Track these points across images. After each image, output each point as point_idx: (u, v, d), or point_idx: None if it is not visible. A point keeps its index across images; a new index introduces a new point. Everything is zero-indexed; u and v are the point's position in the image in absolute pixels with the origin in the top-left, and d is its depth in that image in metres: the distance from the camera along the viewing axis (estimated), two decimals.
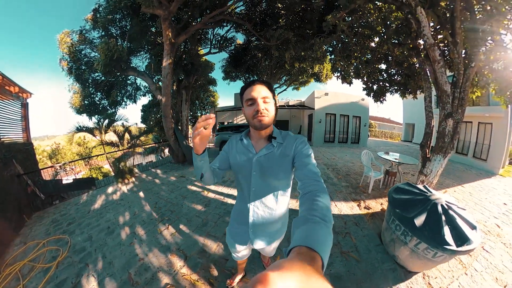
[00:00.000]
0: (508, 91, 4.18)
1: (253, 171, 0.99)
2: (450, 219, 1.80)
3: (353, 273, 1.99)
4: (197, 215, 3.31)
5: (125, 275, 2.10)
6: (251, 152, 1.00)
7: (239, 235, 1.19)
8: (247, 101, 0.90)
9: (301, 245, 0.40)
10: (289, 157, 0.94)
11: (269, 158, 0.96)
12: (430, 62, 3.00)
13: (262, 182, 1.00)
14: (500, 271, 2.14)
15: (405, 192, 2.30)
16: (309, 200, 0.64)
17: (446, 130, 2.89)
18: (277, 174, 0.97)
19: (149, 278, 2.04)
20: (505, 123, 7.89)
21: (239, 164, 1.04)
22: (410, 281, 1.94)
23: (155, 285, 1.95)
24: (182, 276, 2.04)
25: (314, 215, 0.53)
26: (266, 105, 0.89)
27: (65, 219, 3.65)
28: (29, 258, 2.56)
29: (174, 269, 2.15)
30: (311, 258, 0.36)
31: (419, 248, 1.85)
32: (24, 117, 5.45)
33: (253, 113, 0.88)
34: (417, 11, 2.75)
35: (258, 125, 0.90)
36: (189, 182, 5.15)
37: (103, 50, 6.42)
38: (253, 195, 1.04)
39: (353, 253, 2.27)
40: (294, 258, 0.35)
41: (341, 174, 5.56)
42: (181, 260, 2.28)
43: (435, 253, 1.76)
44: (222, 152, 1.14)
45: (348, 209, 3.38)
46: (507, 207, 4.03)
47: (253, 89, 0.88)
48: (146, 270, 2.16)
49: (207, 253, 2.37)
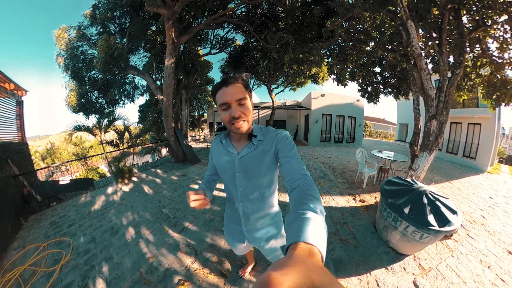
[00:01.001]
0: (494, 95, 4.53)
1: (236, 171, 0.97)
2: (434, 205, 2.08)
3: (352, 257, 2.22)
4: (203, 212, 3.34)
5: (135, 274, 2.08)
6: (232, 153, 0.97)
7: (235, 234, 1.20)
8: (220, 106, 0.82)
9: (297, 241, 0.40)
10: (270, 153, 0.92)
11: (251, 157, 0.93)
12: (417, 70, 3.28)
13: (247, 182, 0.98)
14: (484, 254, 2.39)
15: (395, 184, 2.57)
16: (298, 194, 0.64)
17: (431, 130, 3.19)
18: (260, 172, 0.95)
19: (161, 275, 2.03)
20: (492, 124, 8.36)
21: (222, 166, 1.02)
22: (403, 262, 2.18)
23: (169, 282, 1.95)
24: (195, 271, 2.07)
25: (305, 210, 0.52)
26: (242, 108, 0.82)
27: (65, 221, 3.54)
28: (30, 262, 2.43)
29: (185, 264, 2.17)
30: (309, 252, 0.37)
31: (407, 231, 2.12)
32: (19, 115, 5.20)
33: (229, 118, 0.81)
34: (407, 24, 3.01)
35: (237, 131, 0.85)
36: (191, 181, 5.18)
37: (102, 48, 6.31)
38: (240, 195, 1.02)
39: (352, 240, 2.52)
40: (294, 254, 0.35)
41: (337, 171, 5.83)
42: (191, 255, 2.31)
43: (422, 235, 2.03)
44: (209, 160, 1.16)
45: (345, 202, 3.64)
46: (493, 200, 4.36)
47: (225, 92, 0.80)
48: (157, 268, 2.15)
49: (216, 247, 2.43)
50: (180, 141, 7.46)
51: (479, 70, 4.51)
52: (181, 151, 7.56)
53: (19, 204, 3.95)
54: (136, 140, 9.88)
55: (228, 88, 0.80)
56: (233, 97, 0.79)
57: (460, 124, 9.87)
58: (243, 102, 0.81)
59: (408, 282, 1.91)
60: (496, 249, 2.51)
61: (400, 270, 2.06)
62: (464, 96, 5.09)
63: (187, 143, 7.91)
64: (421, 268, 2.11)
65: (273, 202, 1.11)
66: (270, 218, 1.12)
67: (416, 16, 2.96)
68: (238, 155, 0.95)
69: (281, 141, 0.90)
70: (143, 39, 8.85)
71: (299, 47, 5.54)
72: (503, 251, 2.48)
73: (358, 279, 1.93)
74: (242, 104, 0.81)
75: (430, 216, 2.00)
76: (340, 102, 13.61)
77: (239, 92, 0.80)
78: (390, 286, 1.86)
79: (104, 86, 9.30)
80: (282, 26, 6.84)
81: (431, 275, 2.01)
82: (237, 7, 6.65)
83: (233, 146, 0.98)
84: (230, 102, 0.79)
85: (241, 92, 0.81)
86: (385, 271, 2.04)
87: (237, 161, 0.95)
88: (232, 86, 0.80)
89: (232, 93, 0.79)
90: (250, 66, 10.94)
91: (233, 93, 0.79)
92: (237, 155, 0.96)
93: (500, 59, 4.03)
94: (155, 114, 15.13)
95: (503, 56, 3.97)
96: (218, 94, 0.82)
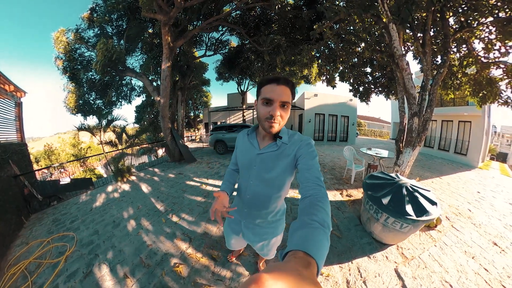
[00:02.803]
0: (480, 93, 4.69)
1: (253, 165, 1.00)
2: (413, 197, 2.23)
3: (334, 246, 2.32)
4: (198, 205, 3.56)
5: (136, 259, 2.27)
6: (254, 148, 1.00)
7: (233, 224, 1.25)
8: (263, 99, 0.81)
9: (297, 249, 0.40)
10: (290, 157, 0.91)
11: (269, 156, 0.95)
12: (399, 70, 3.45)
13: (260, 178, 1.00)
14: (469, 245, 2.48)
15: (377, 178, 2.73)
16: (309, 204, 0.63)
17: (413, 127, 3.36)
18: (274, 173, 0.95)
19: (159, 259, 2.24)
20: (482, 122, 8.64)
21: (243, 157, 1.07)
22: (385, 251, 2.28)
23: (165, 265, 2.16)
24: (189, 255, 2.27)
25: (313, 220, 0.52)
26: (283, 111, 0.82)
27: (67, 218, 3.65)
28: (35, 256, 2.53)
29: (180, 250, 2.37)
30: (306, 262, 0.36)
31: (388, 222, 2.26)
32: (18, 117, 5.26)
33: (266, 115, 0.82)
34: (389, 27, 3.18)
35: (267, 130, 0.85)
36: (188, 178, 5.33)
37: (101, 51, 6.38)
38: (250, 188, 1.05)
39: (336, 231, 2.65)
40: (290, 261, 0.36)
41: (327, 168, 6.00)
42: (186, 242, 2.51)
43: (401, 225, 2.17)
44: (234, 150, 1.19)
45: (331, 196, 3.79)
46: (480, 195, 4.53)
47: (274, 89, 0.79)
48: (155, 253, 2.35)
49: (209, 234, 2.64)
50: (176, 141, 7.58)
51: (466, 69, 4.66)
52: (177, 150, 7.67)
53: (20, 203, 4.01)
54: (134, 140, 9.97)
55: (279, 86, 0.80)
56: (280, 97, 0.79)
57: (451, 121, 10.15)
58: (286, 105, 0.82)
59: (389, 270, 2.00)
60: (481, 241, 2.61)
61: (382, 258, 2.17)
62: (451, 95, 5.25)
63: (183, 143, 8.04)
64: (403, 257, 2.20)
65: (278, 206, 1.12)
66: (269, 222, 1.14)
67: (398, 19, 3.13)
68: (259, 151, 0.98)
69: (304, 147, 0.89)
70: (140, 41, 8.93)
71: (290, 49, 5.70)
72: (488, 242, 2.58)
73: (339, 267, 2.03)
74: (284, 107, 0.82)
75: (408, 206, 2.14)
76: (333, 101, 13.87)
77: (286, 95, 0.81)
78: (371, 273, 1.95)
79: (102, 88, 9.33)
80: (275, 29, 7.00)
81: (413, 263, 2.10)
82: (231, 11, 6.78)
83: (257, 141, 1.01)
84: (274, 100, 0.79)
85: (288, 96, 0.81)
86: (367, 260, 2.14)
87: (256, 156, 0.99)
88: (282, 87, 0.80)
89: (280, 93, 0.79)
90: (245, 67, 11.09)
91: (281, 93, 0.79)
92: (258, 150, 0.98)
93: (485, 59, 4.22)
94: (152, 114, 15.21)
95: (489, 56, 4.15)
96: (266, 87, 0.82)
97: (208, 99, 21.69)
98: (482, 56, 4.25)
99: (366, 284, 1.85)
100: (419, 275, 1.95)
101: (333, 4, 3.88)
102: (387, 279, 1.90)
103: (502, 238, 2.73)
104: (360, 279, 1.90)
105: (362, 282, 1.87)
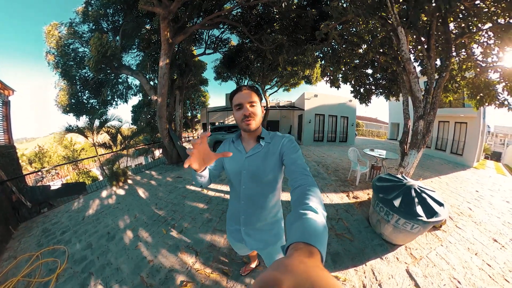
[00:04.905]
0: (478, 96, 4.79)
1: (243, 170, 1.05)
2: (422, 199, 2.24)
3: (348, 250, 2.34)
4: (200, 213, 3.35)
5: (136, 279, 2.04)
6: (241, 152, 1.07)
7: (235, 233, 1.23)
8: (235, 106, 0.97)
9: (297, 241, 0.41)
10: (276, 155, 0.99)
11: (257, 157, 1.01)
12: (406, 73, 3.45)
13: (252, 181, 1.04)
14: (472, 243, 2.56)
15: (386, 180, 2.72)
16: (299, 194, 0.65)
17: (419, 129, 3.38)
18: (265, 172, 1.01)
19: (163, 278, 2.02)
20: (477, 122, 8.82)
21: (231, 164, 1.10)
22: (396, 252, 2.32)
23: (171, 283, 1.94)
24: (197, 271, 2.07)
25: (306, 209, 0.53)
26: (253, 109, 0.96)
27: (57, 228, 3.41)
28: (23, 273, 2.31)
29: (186, 265, 2.16)
30: (309, 252, 0.37)
31: (399, 223, 2.27)
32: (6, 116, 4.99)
33: (241, 117, 0.95)
34: (398, 30, 3.17)
35: (246, 129, 0.97)
36: (187, 182, 5.12)
37: (95, 46, 6.04)
38: (243, 193, 1.08)
39: (347, 234, 2.63)
40: (293, 255, 0.36)
41: (330, 170, 5.99)
42: (192, 256, 2.31)
43: (412, 225, 2.19)
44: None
45: (339, 199, 3.77)
46: (479, 193, 4.62)
47: (240, 95, 0.96)
48: (158, 271, 2.12)
49: (216, 246, 2.45)
50: (174, 142, 7.40)
51: (464, 73, 4.77)
52: (175, 152, 7.48)
53: (7, 211, 3.71)
54: (130, 141, 9.70)
55: (243, 92, 0.96)
56: (246, 99, 0.95)
57: (448, 122, 10.30)
58: (253, 104, 0.96)
59: (401, 270, 2.04)
60: (482, 238, 2.70)
61: (393, 259, 2.20)
62: (450, 97, 5.35)
63: (181, 144, 7.86)
64: (412, 257, 2.25)
65: (274, 207, 1.15)
66: (269, 224, 1.16)
67: (406, 23, 3.12)
68: (246, 154, 1.05)
69: (286, 144, 0.99)
70: (136, 37, 8.65)
71: (293, 48, 5.65)
72: (488, 239, 2.67)
73: (354, 270, 2.04)
74: (252, 106, 0.96)
75: (418, 208, 2.16)
76: (333, 102, 13.90)
77: (251, 96, 0.96)
78: (385, 274, 1.99)
79: (96, 86, 8.99)
80: (277, 28, 6.91)
81: (422, 263, 2.15)
82: (233, 8, 6.65)
83: (243, 146, 1.09)
84: (243, 103, 0.94)
85: (253, 96, 0.96)
86: (380, 261, 2.17)
87: (244, 159, 1.04)
88: (246, 91, 0.97)
89: (245, 96, 0.95)
90: (244, 67, 10.99)
91: (246, 96, 0.95)
92: (245, 154, 1.05)
93: (484, 63, 4.29)
94: (149, 115, 14.90)
95: (487, 61, 4.22)
96: (234, 97, 0.98)
97: (206, 99, 21.51)
98: (480, 61, 4.32)
99: (381, 287, 1.85)
100: (429, 273, 2.01)
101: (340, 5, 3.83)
102: (400, 280, 1.93)
103: (501, 234, 2.83)
104: (375, 282, 1.90)
105: (377, 285, 1.87)
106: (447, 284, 1.88)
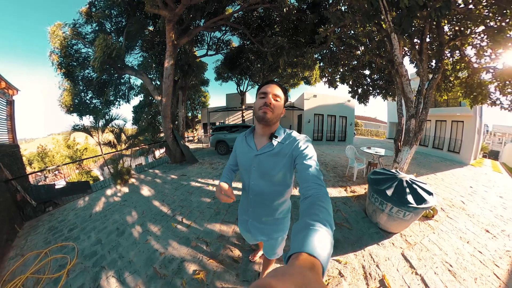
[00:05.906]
0: (471, 95, 4.98)
1: (252, 166, 1.05)
2: (412, 189, 2.47)
3: (347, 237, 2.53)
4: (208, 207, 3.43)
5: (149, 270, 2.08)
6: (252, 149, 1.05)
7: (243, 224, 1.28)
8: (260, 94, 0.97)
9: (301, 251, 0.40)
10: (287, 156, 0.95)
11: (267, 156, 0.99)
12: (399, 76, 3.67)
13: (260, 178, 1.04)
14: (464, 232, 2.74)
15: (380, 174, 2.95)
16: (310, 204, 0.63)
17: (411, 128, 3.61)
18: (274, 172, 0.99)
19: (176, 268, 2.07)
20: (474, 121, 9.04)
21: (241, 159, 1.12)
22: (391, 239, 2.51)
23: (184, 273, 2.00)
24: (208, 260, 2.15)
25: (315, 220, 0.52)
26: (275, 102, 0.95)
27: (64, 225, 3.40)
28: (32, 270, 2.27)
29: (198, 256, 2.23)
30: (311, 264, 0.36)
31: (392, 212, 2.49)
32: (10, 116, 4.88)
33: (261, 104, 0.94)
34: (391, 36, 3.39)
35: (261, 116, 0.94)
36: (192, 180, 5.18)
37: (101, 47, 6.13)
38: (251, 188, 1.09)
39: (345, 224, 2.85)
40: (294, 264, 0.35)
41: (329, 167, 6.20)
42: (202, 246, 2.39)
43: (404, 213, 2.41)
44: (233, 151, 1.25)
45: (337, 193, 3.99)
46: (472, 189, 4.81)
47: (269, 85, 0.96)
48: (170, 262, 2.17)
49: (225, 236, 2.55)
50: (178, 141, 7.48)
51: (458, 73, 4.97)
52: (179, 151, 7.50)
53: (12, 210, 3.70)
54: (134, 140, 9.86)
55: (272, 84, 0.98)
56: (272, 90, 0.95)
57: (445, 121, 10.52)
58: (277, 98, 0.97)
59: (397, 254, 2.24)
60: (475, 228, 2.87)
61: (389, 245, 2.40)
62: (444, 96, 5.56)
63: (184, 144, 8.00)
64: (407, 243, 2.44)
65: (282, 205, 1.14)
66: (276, 219, 1.17)
67: (399, 29, 3.33)
68: (257, 151, 1.03)
69: (302, 146, 0.93)
70: (140, 39, 8.77)
71: (293, 51, 5.85)
72: (481, 230, 2.84)
73: (354, 255, 2.23)
74: (276, 100, 0.96)
75: (409, 196, 2.39)
76: (332, 102, 14.13)
77: (278, 91, 0.97)
78: (382, 257, 2.18)
79: (99, 86, 9.11)
80: (277, 30, 7.10)
81: (416, 248, 2.35)
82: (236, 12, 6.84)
83: (254, 143, 1.07)
84: (268, 92, 0.95)
85: (279, 91, 0.98)
86: (377, 247, 2.37)
87: (254, 156, 1.04)
88: (275, 85, 0.98)
89: (273, 88, 0.96)
90: (245, 68, 11.18)
91: (273, 88, 0.96)
92: (255, 151, 1.04)
93: (476, 64, 4.50)
94: (150, 115, 15.03)
95: (480, 62, 4.43)
96: (263, 87, 0.99)
97: (206, 99, 21.71)
98: (473, 62, 4.52)
99: (379, 267, 2.06)
100: (423, 257, 2.20)
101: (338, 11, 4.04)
102: (396, 262, 2.12)
103: (493, 226, 2.99)
104: (373, 264, 2.11)
105: (375, 266, 2.07)
106: (439, 267, 2.04)
